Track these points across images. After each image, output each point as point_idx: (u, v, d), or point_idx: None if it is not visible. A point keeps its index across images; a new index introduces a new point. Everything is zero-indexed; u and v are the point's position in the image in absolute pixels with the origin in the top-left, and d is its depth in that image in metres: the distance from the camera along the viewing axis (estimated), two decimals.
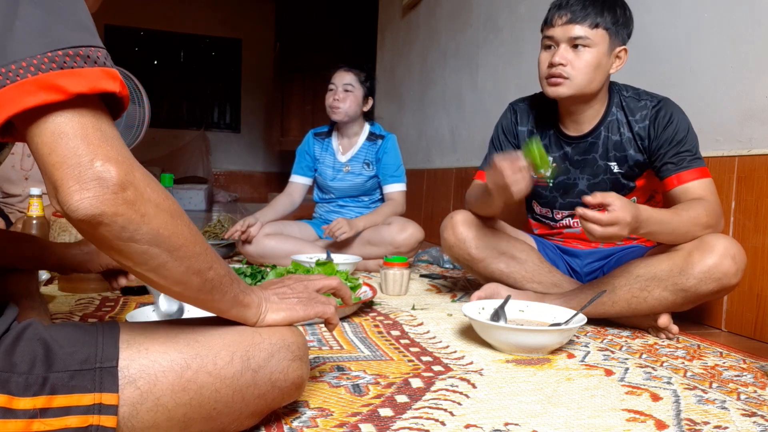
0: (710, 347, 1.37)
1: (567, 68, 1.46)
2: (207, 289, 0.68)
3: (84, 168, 0.55)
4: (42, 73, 0.54)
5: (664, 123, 1.47)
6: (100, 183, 0.55)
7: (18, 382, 0.60)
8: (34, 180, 2.45)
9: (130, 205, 0.57)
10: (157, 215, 0.60)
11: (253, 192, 7.85)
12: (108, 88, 0.58)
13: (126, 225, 0.58)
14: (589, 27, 1.44)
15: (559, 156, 1.63)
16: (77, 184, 0.55)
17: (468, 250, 1.61)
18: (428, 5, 3.73)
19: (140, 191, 0.59)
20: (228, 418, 0.73)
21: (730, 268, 1.29)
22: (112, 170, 0.56)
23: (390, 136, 2.54)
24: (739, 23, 1.57)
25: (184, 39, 7.56)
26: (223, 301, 0.72)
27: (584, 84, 1.47)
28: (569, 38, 1.45)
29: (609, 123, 1.55)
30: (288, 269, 1.59)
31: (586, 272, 1.68)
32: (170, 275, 0.64)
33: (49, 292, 1.65)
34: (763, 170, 1.49)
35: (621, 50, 1.50)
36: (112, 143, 0.57)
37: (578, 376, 1.11)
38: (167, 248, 0.62)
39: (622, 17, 1.49)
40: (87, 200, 0.55)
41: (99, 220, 0.56)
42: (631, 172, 1.55)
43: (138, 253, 0.61)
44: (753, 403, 1.01)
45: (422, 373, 1.09)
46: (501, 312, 1.35)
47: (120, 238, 0.59)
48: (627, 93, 1.56)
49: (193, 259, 0.65)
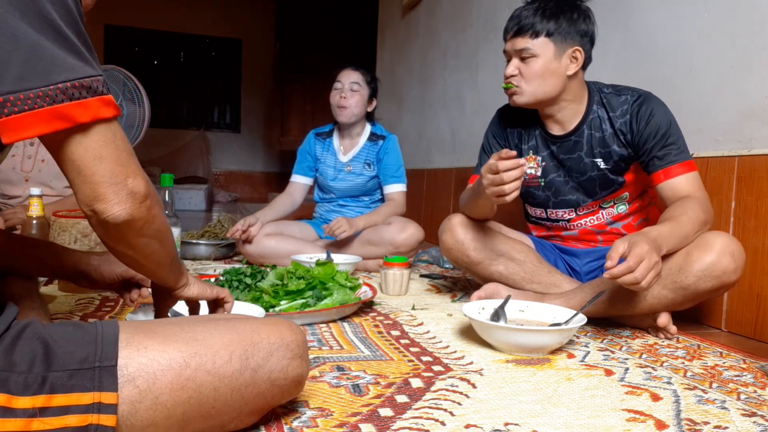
0: (710, 347, 1.37)
1: (517, 79, 1.55)
2: (168, 264, 0.87)
3: (120, 186, 0.68)
4: (56, 105, 0.62)
5: (645, 118, 1.49)
6: (134, 197, 0.70)
7: (17, 381, 0.60)
8: (34, 182, 2.45)
9: (147, 209, 0.72)
10: (159, 213, 0.76)
11: (253, 192, 7.85)
12: (105, 116, 0.66)
13: (144, 225, 0.73)
14: (530, 38, 1.51)
15: (546, 155, 1.66)
16: (116, 197, 0.68)
17: (467, 252, 1.61)
18: (428, 5, 3.73)
19: (153, 196, 0.73)
20: (227, 416, 0.73)
21: (729, 265, 1.29)
22: (140, 185, 0.70)
23: (391, 136, 2.54)
24: (740, 23, 1.57)
25: (184, 39, 7.55)
26: (173, 273, 0.91)
27: (536, 91, 1.54)
28: (516, 51, 1.54)
29: (591, 121, 1.58)
30: (288, 269, 1.59)
31: (586, 271, 1.68)
32: (156, 258, 0.82)
33: (49, 292, 1.65)
34: (763, 170, 1.49)
35: (574, 51, 1.52)
36: (133, 159, 0.71)
37: (578, 376, 1.11)
38: (159, 239, 0.78)
39: (568, 20, 1.51)
40: (126, 210, 0.69)
41: (129, 224, 0.71)
42: (617, 167, 1.57)
43: (142, 245, 0.76)
44: (753, 403, 1.01)
45: (422, 373, 1.09)
46: (501, 312, 1.35)
47: (138, 234, 0.74)
48: (607, 90, 1.59)
49: (170, 245, 0.84)
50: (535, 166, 1.67)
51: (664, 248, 1.27)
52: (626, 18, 1.97)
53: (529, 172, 1.68)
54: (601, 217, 1.65)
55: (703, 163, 1.65)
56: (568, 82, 1.54)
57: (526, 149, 1.70)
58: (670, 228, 1.31)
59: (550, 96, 1.55)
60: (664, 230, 1.29)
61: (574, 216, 1.67)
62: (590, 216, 1.66)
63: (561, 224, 1.70)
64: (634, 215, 1.63)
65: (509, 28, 1.56)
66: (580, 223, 1.67)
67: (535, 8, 1.52)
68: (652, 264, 1.18)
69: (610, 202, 1.63)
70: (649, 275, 1.18)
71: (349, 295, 1.53)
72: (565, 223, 1.69)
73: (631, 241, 1.21)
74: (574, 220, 1.67)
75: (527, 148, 1.70)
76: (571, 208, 1.67)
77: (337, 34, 6.27)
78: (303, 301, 1.48)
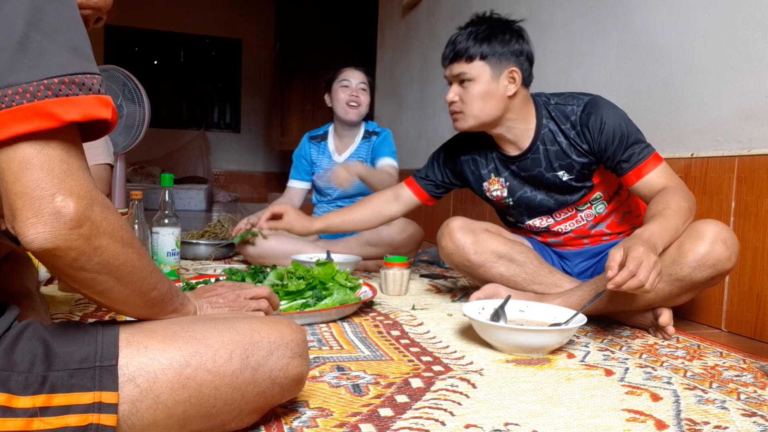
0: (710, 347, 1.37)
1: (458, 104, 1.57)
2: (148, 306, 0.73)
3: (44, 201, 0.56)
4: (38, 101, 0.55)
5: (598, 127, 1.48)
6: (57, 218, 0.57)
7: (18, 380, 0.60)
8: None
9: (84, 239, 0.59)
10: (109, 246, 0.63)
11: (253, 192, 7.85)
12: (100, 116, 0.60)
13: (77, 257, 0.60)
14: (465, 62, 1.53)
15: (508, 175, 1.67)
16: (35, 217, 0.56)
17: (467, 256, 1.61)
18: (428, 5, 3.73)
19: (96, 225, 0.60)
20: (228, 415, 0.73)
21: (722, 253, 1.28)
22: (71, 205, 0.57)
23: (384, 130, 2.55)
24: (740, 23, 1.57)
25: (184, 39, 7.55)
26: (163, 314, 0.77)
27: (479, 114, 1.55)
28: (454, 76, 1.56)
29: (543, 136, 1.58)
30: (288, 269, 1.59)
31: (577, 272, 1.69)
32: (115, 297, 0.68)
33: (49, 292, 1.65)
34: (763, 170, 1.49)
35: (511, 71, 1.53)
36: (76, 176, 0.59)
37: (578, 376, 1.11)
38: (115, 276, 0.65)
39: (501, 42, 1.52)
40: (42, 234, 0.57)
41: (53, 253, 0.58)
42: (581, 175, 1.57)
43: (87, 280, 0.64)
44: (753, 403, 1.01)
45: (422, 373, 1.09)
46: (501, 312, 1.35)
47: (71, 267, 0.61)
48: (553, 101, 1.59)
49: (138, 283, 0.69)
50: (499, 188, 1.68)
51: (660, 246, 1.27)
52: (626, 18, 1.97)
53: (496, 194, 1.69)
54: (580, 219, 1.65)
55: (703, 163, 1.65)
56: (509, 102, 1.55)
57: (486, 173, 1.71)
58: (659, 224, 1.30)
59: (493, 117, 1.56)
60: (654, 228, 1.29)
61: (553, 222, 1.68)
62: (569, 220, 1.66)
63: (543, 231, 1.71)
64: (615, 212, 1.63)
65: (446, 55, 1.58)
66: (561, 228, 1.67)
67: (468, 33, 1.54)
68: (652, 264, 1.18)
69: (585, 204, 1.63)
70: (651, 276, 1.17)
71: (349, 295, 1.53)
72: (546, 229, 1.70)
73: (625, 246, 1.20)
74: (553, 225, 1.68)
75: (487, 172, 1.71)
76: (547, 215, 1.67)
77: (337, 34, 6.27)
78: (303, 301, 1.48)
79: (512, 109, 1.56)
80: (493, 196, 1.72)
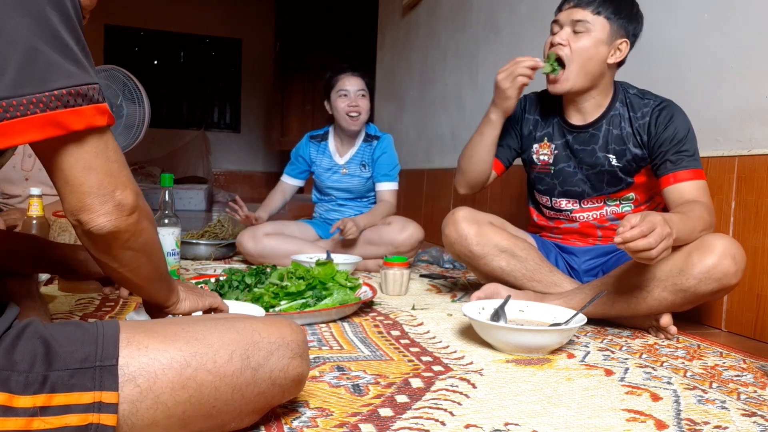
0: (710, 347, 1.37)
1: (566, 48, 1.53)
2: (156, 280, 0.86)
3: (108, 197, 0.68)
4: (50, 111, 0.61)
5: (665, 122, 1.50)
6: (120, 209, 0.70)
7: (18, 380, 0.60)
8: (34, 181, 2.44)
9: (135, 223, 0.72)
10: (148, 227, 0.76)
11: (253, 192, 7.84)
12: (99, 124, 0.66)
13: (129, 238, 0.73)
14: (591, 12, 1.51)
15: (560, 143, 1.68)
16: (103, 207, 0.68)
17: (469, 246, 1.62)
18: (428, 5, 3.73)
19: (142, 210, 0.73)
20: (228, 415, 0.73)
21: (729, 268, 1.28)
22: (128, 197, 0.70)
23: (385, 135, 2.54)
24: (739, 23, 1.57)
25: (184, 39, 7.55)
26: (162, 289, 0.89)
27: (578, 76, 1.54)
28: (572, 21, 1.53)
29: (611, 117, 1.59)
30: (288, 269, 1.59)
31: (585, 269, 1.69)
32: (143, 273, 0.81)
33: (49, 292, 1.65)
34: (763, 170, 1.49)
35: (621, 42, 1.54)
36: (125, 171, 0.71)
37: (578, 376, 1.11)
38: (148, 253, 0.78)
39: (627, 12, 1.53)
40: (110, 222, 0.69)
41: (115, 235, 0.71)
42: (629, 166, 1.58)
43: (129, 257, 0.76)
44: (753, 403, 1.01)
45: (422, 373, 1.09)
46: (501, 312, 1.35)
47: (123, 246, 0.74)
48: (632, 91, 1.61)
49: (157, 259, 0.82)
50: (548, 153, 1.68)
51: (674, 233, 1.24)
52: None
53: (543, 158, 1.70)
54: (604, 213, 1.66)
55: (703, 163, 1.64)
56: (606, 70, 1.56)
57: (540, 136, 1.71)
58: (678, 218, 1.30)
59: (588, 84, 1.55)
60: (674, 217, 1.29)
61: (578, 208, 1.68)
62: (594, 210, 1.67)
63: (564, 215, 1.71)
64: None
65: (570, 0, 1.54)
66: (583, 216, 1.68)
67: None
68: (665, 234, 1.16)
69: (615, 201, 1.64)
70: (661, 244, 1.15)
71: (349, 295, 1.53)
72: (568, 213, 1.70)
73: (643, 213, 1.19)
74: (576, 211, 1.68)
75: (542, 135, 1.71)
76: (575, 199, 1.68)
77: (337, 34, 6.27)
78: (303, 301, 1.48)
79: (604, 78, 1.57)
80: (539, 160, 1.71)
